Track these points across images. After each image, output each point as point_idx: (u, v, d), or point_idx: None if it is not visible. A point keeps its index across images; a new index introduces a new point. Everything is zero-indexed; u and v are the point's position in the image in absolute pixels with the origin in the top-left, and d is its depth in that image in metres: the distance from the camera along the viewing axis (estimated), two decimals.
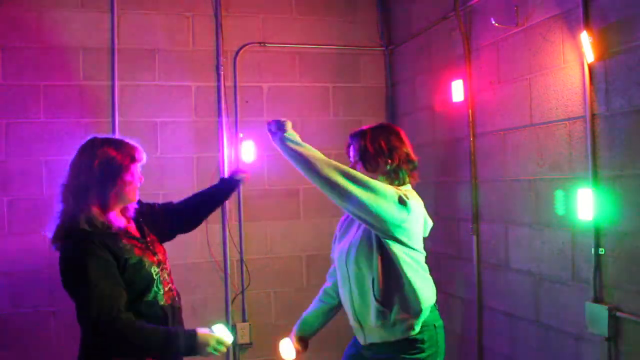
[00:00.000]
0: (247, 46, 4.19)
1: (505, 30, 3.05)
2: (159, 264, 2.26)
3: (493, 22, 3.06)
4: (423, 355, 2.30)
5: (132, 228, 2.32)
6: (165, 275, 2.30)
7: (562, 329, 2.74)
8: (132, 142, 2.32)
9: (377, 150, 2.39)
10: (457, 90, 3.49)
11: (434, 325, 2.39)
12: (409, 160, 2.42)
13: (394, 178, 2.38)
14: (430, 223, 2.47)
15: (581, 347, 2.62)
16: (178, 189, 4.02)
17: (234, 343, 4.09)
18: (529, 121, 2.93)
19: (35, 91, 3.78)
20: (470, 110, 3.41)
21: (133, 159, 2.24)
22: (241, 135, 4.10)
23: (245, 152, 4.10)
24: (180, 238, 2.66)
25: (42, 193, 3.76)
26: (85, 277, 2.03)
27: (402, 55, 4.33)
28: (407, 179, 2.42)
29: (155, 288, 2.20)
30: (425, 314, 2.32)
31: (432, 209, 3.91)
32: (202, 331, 2.18)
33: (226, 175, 2.55)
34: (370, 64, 4.48)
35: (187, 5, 4.10)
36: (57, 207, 2.19)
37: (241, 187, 4.14)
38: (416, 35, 4.04)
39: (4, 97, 3.73)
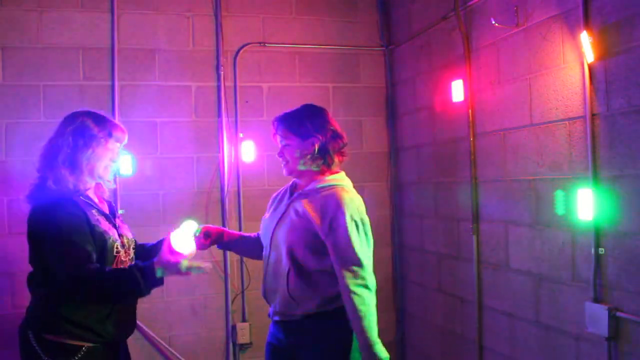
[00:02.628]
0: (247, 46, 4.19)
1: (505, 30, 3.05)
2: (122, 245, 2.27)
3: (493, 22, 3.06)
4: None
5: (104, 207, 2.35)
6: (127, 258, 2.30)
7: (562, 328, 2.74)
8: (115, 121, 2.34)
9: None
10: (457, 90, 3.49)
11: None
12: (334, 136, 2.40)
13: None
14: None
15: (581, 347, 2.63)
16: (178, 189, 4.04)
17: (235, 342, 4.09)
18: (529, 121, 2.93)
19: (35, 91, 3.78)
20: (470, 110, 3.41)
21: (109, 135, 2.26)
22: (241, 135, 4.12)
23: (245, 152, 4.12)
24: None
25: None
26: (58, 230, 2.07)
27: (402, 55, 4.33)
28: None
29: (110, 265, 2.20)
30: None
31: (432, 209, 3.92)
32: (161, 256, 2.11)
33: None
34: (370, 64, 4.48)
35: (187, 5, 4.10)
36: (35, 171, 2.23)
37: (241, 187, 4.15)
38: (416, 35, 4.04)
39: (4, 97, 3.73)
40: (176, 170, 4.05)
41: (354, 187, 2.47)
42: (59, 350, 2.12)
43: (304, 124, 2.37)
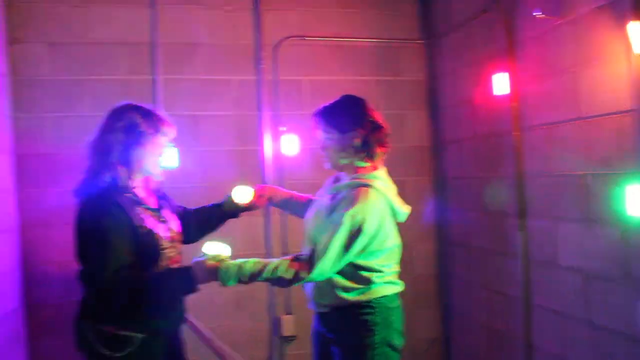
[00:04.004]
0: (287, 39, 4.18)
1: (550, 21, 2.97)
2: (171, 240, 2.30)
3: (537, 14, 2.97)
4: None
5: (152, 202, 2.37)
6: (175, 253, 2.34)
7: (614, 329, 2.66)
8: (163, 116, 2.39)
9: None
10: (500, 83, 3.42)
11: None
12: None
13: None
14: (402, 210, 2.45)
15: (634, 348, 2.55)
16: (219, 182, 4.05)
17: (279, 335, 4.10)
18: (576, 115, 2.85)
19: (82, 85, 3.84)
20: (514, 104, 3.33)
21: (157, 131, 2.31)
22: (283, 128, 4.11)
23: (286, 145, 4.12)
24: (223, 232, 2.66)
25: None
26: (101, 234, 2.11)
27: (443, 48, 4.27)
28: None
29: (161, 262, 2.24)
30: None
31: (477, 204, 3.86)
32: (195, 261, 2.17)
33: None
34: (411, 57, 4.43)
35: None
36: (85, 164, 2.29)
37: (282, 180, 4.15)
38: (457, 28, 3.97)
39: (51, 92, 3.81)
40: (217, 164, 4.08)
41: (395, 182, 2.45)
42: (113, 341, 2.18)
43: (343, 117, 2.34)
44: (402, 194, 4.30)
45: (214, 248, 2.19)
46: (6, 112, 3.66)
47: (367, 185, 2.29)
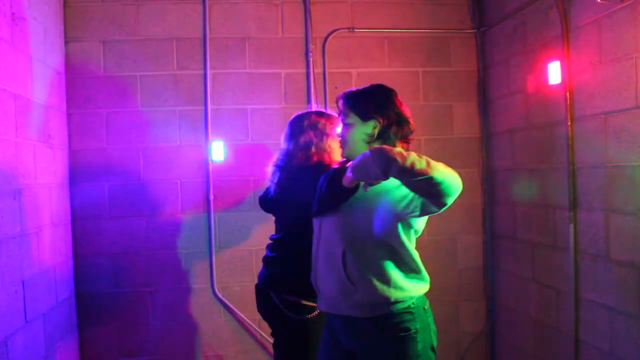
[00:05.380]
0: (336, 32, 4.18)
1: (608, 6, 2.87)
2: None
3: None
4: None
5: None
6: None
7: None
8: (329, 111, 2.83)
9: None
10: (554, 72, 3.33)
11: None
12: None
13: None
14: None
15: None
16: (268, 176, 4.09)
17: None
18: (634, 103, 2.75)
19: (133, 81, 3.95)
20: (568, 93, 3.24)
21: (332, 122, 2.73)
22: None
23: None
24: None
25: (139, 179, 3.94)
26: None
27: (494, 37, 4.18)
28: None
29: None
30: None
31: (526, 196, 3.78)
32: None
33: None
34: (461, 47, 4.35)
35: None
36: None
37: None
38: (509, 16, 3.88)
39: (105, 88, 3.93)
40: (266, 157, 4.08)
41: None
42: (297, 308, 2.63)
43: (366, 103, 2.21)
44: None
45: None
46: (62, 109, 3.81)
47: None
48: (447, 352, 4.31)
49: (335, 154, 2.64)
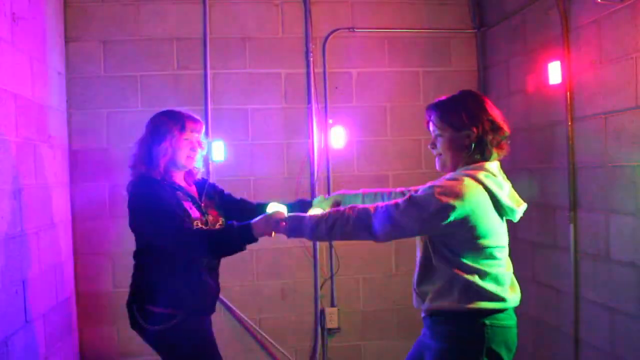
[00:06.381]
0: (336, 32, 4.18)
1: (608, 6, 2.87)
2: (205, 223, 2.51)
3: None
4: None
5: (192, 190, 2.62)
6: None
7: None
8: (188, 113, 2.60)
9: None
10: (554, 72, 3.33)
11: None
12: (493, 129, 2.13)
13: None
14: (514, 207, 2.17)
15: None
16: (268, 175, 4.10)
17: (323, 327, 4.13)
18: (634, 103, 2.74)
19: (133, 82, 3.96)
20: (568, 93, 3.24)
21: (183, 128, 2.51)
22: (330, 121, 4.12)
23: (335, 138, 4.13)
24: None
25: None
26: (158, 203, 2.37)
27: (494, 38, 4.18)
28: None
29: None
30: None
31: (526, 196, 3.76)
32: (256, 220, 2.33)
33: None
34: (461, 47, 4.35)
35: None
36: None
37: (331, 173, 4.17)
38: (510, 16, 3.88)
39: (106, 88, 3.94)
40: (266, 156, 4.12)
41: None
42: (156, 318, 2.44)
43: (459, 113, 2.12)
44: None
45: (276, 208, 2.37)
46: (62, 109, 3.81)
47: (466, 176, 2.06)
48: None
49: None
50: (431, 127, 2.22)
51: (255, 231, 2.29)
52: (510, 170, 3.97)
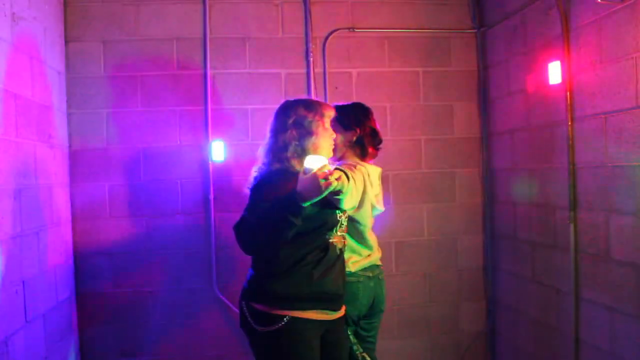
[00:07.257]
0: (336, 32, 4.18)
1: (608, 6, 2.87)
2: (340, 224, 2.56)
3: None
4: None
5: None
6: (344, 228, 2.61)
7: None
8: (318, 99, 2.67)
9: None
10: (554, 72, 3.33)
11: None
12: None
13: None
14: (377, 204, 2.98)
15: None
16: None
17: None
18: (634, 103, 2.75)
19: (133, 82, 3.95)
20: (568, 93, 3.24)
21: (322, 115, 2.48)
22: None
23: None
24: None
25: (139, 179, 3.94)
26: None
27: (495, 37, 4.18)
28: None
29: (336, 228, 2.53)
30: None
31: (526, 196, 3.78)
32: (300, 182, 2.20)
33: None
34: (462, 47, 4.35)
35: None
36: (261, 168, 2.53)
37: None
38: (510, 16, 3.88)
39: (105, 88, 3.93)
40: None
41: (444, 173, 2.42)
42: (264, 319, 2.39)
43: (348, 116, 2.95)
44: (451, 185, 4.29)
45: (314, 160, 2.17)
46: (63, 109, 3.80)
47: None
48: (447, 352, 4.31)
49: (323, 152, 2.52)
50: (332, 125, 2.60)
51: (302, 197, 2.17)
52: (510, 169, 4.00)
